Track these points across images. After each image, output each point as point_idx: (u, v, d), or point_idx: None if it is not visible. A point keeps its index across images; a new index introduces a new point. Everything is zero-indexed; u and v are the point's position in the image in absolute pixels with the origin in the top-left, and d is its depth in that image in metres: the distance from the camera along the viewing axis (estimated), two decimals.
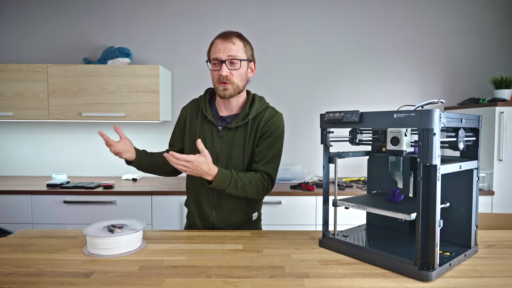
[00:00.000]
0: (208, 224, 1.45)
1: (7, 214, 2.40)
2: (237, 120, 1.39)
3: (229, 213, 1.42)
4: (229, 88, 1.34)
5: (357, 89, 3.03)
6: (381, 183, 1.28)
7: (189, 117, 1.48)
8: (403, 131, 0.98)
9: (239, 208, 1.42)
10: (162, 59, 2.99)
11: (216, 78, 1.35)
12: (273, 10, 3.00)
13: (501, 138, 2.46)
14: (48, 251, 1.12)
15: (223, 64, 1.31)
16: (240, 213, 1.43)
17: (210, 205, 1.43)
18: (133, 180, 2.79)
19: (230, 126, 1.38)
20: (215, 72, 1.34)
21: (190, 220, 1.52)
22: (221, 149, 1.39)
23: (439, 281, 0.90)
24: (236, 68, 1.33)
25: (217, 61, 1.33)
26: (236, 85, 1.35)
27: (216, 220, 1.43)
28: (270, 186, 1.40)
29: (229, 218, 1.42)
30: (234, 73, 1.33)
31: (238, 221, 1.44)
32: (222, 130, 1.40)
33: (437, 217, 0.91)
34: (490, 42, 3.04)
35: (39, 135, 3.02)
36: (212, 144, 1.40)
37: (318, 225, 2.45)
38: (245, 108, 1.40)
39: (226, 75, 1.32)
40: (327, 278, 0.93)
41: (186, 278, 0.92)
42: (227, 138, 1.39)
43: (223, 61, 1.31)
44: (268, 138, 1.39)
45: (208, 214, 1.43)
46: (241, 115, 1.39)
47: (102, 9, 2.98)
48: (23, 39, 2.99)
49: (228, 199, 1.40)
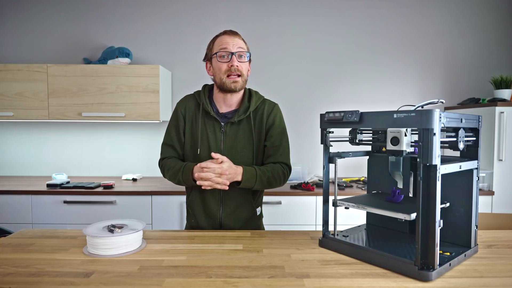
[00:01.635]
0: (215, 222, 1.44)
1: (7, 214, 2.40)
2: (238, 114, 1.40)
3: (236, 207, 1.43)
4: (239, 80, 1.35)
5: (357, 89, 3.03)
6: (381, 183, 1.28)
7: (188, 113, 1.44)
8: (403, 131, 0.98)
9: (245, 202, 1.44)
10: (162, 59, 2.99)
11: (224, 70, 1.34)
12: (273, 10, 3.00)
13: (501, 138, 2.46)
14: (48, 251, 1.12)
15: (233, 56, 1.32)
16: (246, 207, 1.44)
17: (216, 202, 1.42)
18: (133, 180, 2.79)
19: (233, 121, 1.39)
20: (224, 64, 1.33)
21: (192, 221, 1.48)
22: (225, 144, 1.40)
23: (439, 281, 0.90)
24: (244, 61, 1.36)
25: (225, 53, 1.33)
26: (244, 78, 1.37)
27: (223, 216, 1.43)
28: (289, 173, 1.46)
29: (236, 213, 1.43)
30: (243, 66, 1.36)
31: (245, 215, 1.45)
32: (225, 125, 1.40)
33: (437, 217, 0.91)
34: (490, 42, 3.04)
35: (39, 135, 3.02)
36: (216, 140, 1.40)
37: (318, 225, 2.45)
38: (244, 102, 1.42)
39: (237, 65, 1.32)
40: (327, 278, 0.93)
41: (186, 278, 0.92)
42: (230, 133, 1.40)
43: (233, 53, 1.32)
44: (276, 130, 1.43)
45: (214, 211, 1.43)
46: (242, 109, 1.41)
47: (102, 9, 2.98)
48: (23, 39, 2.99)
49: (235, 193, 1.41)
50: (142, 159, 3.02)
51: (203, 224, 1.45)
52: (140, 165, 3.02)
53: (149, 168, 3.01)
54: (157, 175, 2.98)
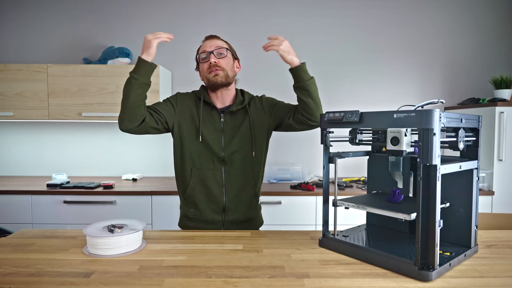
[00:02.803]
0: (219, 207, 1.46)
1: (7, 214, 2.40)
2: (236, 105, 1.47)
3: (238, 191, 1.47)
4: (220, 73, 1.42)
5: (357, 89, 3.03)
6: (381, 183, 1.28)
7: (187, 104, 1.49)
8: (403, 131, 0.98)
9: (247, 186, 1.49)
10: (162, 59, 2.99)
11: (205, 68, 1.44)
12: (273, 10, 2.99)
13: (501, 138, 2.46)
14: (48, 251, 1.12)
15: (211, 54, 1.42)
16: (249, 191, 1.49)
17: (219, 185, 1.46)
18: (133, 180, 2.79)
19: (232, 110, 1.46)
20: (205, 64, 1.44)
21: (191, 211, 1.48)
22: (225, 132, 1.46)
23: (439, 281, 0.90)
24: (223, 56, 1.44)
25: (205, 54, 1.44)
26: (226, 72, 1.44)
27: (227, 200, 1.46)
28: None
29: (239, 197, 1.47)
30: (222, 61, 1.44)
31: (247, 199, 1.49)
32: (224, 115, 1.47)
33: (437, 217, 0.91)
34: (490, 42, 3.04)
35: (39, 135, 3.02)
36: (216, 129, 1.46)
37: (318, 225, 2.45)
38: (238, 96, 1.51)
39: (214, 61, 1.41)
40: (327, 278, 0.93)
41: (186, 278, 0.92)
42: (229, 122, 1.47)
43: (211, 52, 1.42)
44: (278, 102, 1.55)
45: (218, 195, 1.46)
46: (237, 101, 1.49)
47: (102, 9, 2.98)
48: (23, 39, 2.99)
49: (237, 176, 1.46)
50: (142, 159, 3.02)
51: (206, 211, 1.47)
52: (140, 165, 3.02)
53: (149, 168, 3.01)
54: (157, 175, 2.98)
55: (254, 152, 1.47)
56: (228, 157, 1.45)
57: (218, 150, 1.45)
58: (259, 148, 1.49)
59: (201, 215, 1.48)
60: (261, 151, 1.51)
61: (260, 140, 1.50)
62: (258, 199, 1.55)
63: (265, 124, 1.51)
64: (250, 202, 1.51)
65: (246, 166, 1.47)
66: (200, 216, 1.48)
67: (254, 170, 1.50)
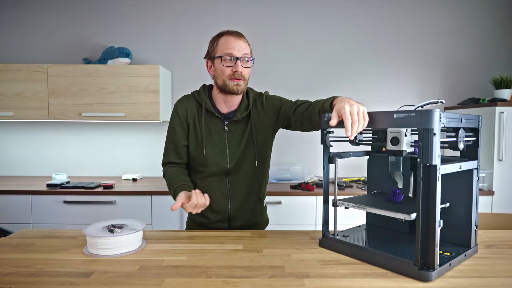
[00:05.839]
0: (225, 217, 1.45)
1: (7, 214, 2.40)
2: (240, 112, 1.41)
3: (244, 199, 1.45)
4: (242, 84, 1.36)
5: (357, 89, 3.03)
6: (381, 183, 1.28)
7: (189, 114, 1.43)
8: (403, 131, 0.98)
9: (252, 193, 1.46)
10: (162, 59, 2.99)
11: (227, 73, 1.33)
12: (273, 10, 3.00)
13: (501, 138, 2.46)
14: (48, 251, 1.12)
15: (238, 61, 1.32)
16: (254, 196, 1.47)
17: (224, 196, 1.44)
18: (133, 180, 2.79)
19: (236, 119, 1.41)
20: (228, 68, 1.33)
21: (200, 218, 1.47)
22: (229, 143, 1.42)
23: (439, 281, 0.90)
24: (248, 66, 1.37)
25: (231, 57, 1.33)
26: (246, 82, 1.39)
27: (232, 210, 1.44)
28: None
29: (244, 205, 1.45)
30: (246, 71, 1.36)
31: (253, 206, 1.47)
32: (228, 124, 1.42)
33: (437, 217, 0.91)
34: (490, 42, 3.04)
35: (39, 135, 3.02)
36: (220, 139, 1.41)
37: (318, 225, 2.45)
38: (244, 100, 1.44)
39: (241, 71, 1.33)
40: (327, 278, 0.93)
41: (186, 278, 0.92)
42: (234, 131, 1.42)
43: (238, 59, 1.32)
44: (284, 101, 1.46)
45: (223, 206, 1.44)
46: (242, 106, 1.43)
47: (102, 9, 2.98)
48: (23, 39, 2.99)
49: (241, 185, 1.43)
50: (142, 159, 3.02)
51: (212, 220, 1.45)
52: (140, 165, 3.02)
53: (149, 168, 3.01)
54: (157, 175, 2.98)
55: (257, 162, 1.43)
56: (233, 168, 1.42)
57: (223, 163, 1.41)
58: (262, 156, 1.46)
59: (207, 224, 1.47)
60: (265, 158, 1.47)
61: (263, 147, 1.45)
62: (262, 202, 1.52)
63: (269, 128, 1.46)
64: (255, 207, 1.48)
65: (250, 174, 1.44)
66: (207, 225, 1.47)
67: (258, 177, 1.46)
